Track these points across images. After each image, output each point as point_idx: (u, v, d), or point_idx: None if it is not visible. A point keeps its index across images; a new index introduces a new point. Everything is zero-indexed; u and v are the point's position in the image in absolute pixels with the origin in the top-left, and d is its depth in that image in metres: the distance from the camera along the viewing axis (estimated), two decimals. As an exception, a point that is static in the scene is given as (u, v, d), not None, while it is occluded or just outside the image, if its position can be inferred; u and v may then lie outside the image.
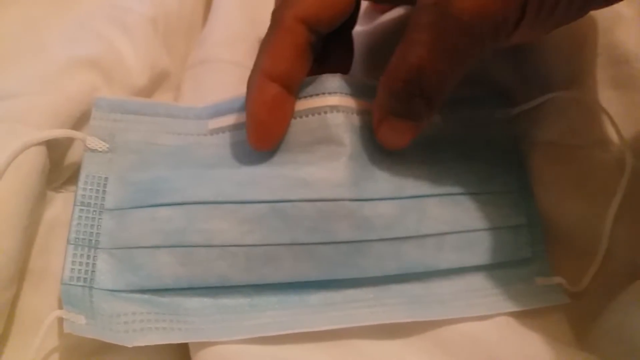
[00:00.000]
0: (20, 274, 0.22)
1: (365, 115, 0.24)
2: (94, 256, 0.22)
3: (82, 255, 0.22)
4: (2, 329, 0.20)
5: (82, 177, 0.23)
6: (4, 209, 0.20)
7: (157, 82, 0.30)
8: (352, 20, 0.26)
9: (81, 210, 0.23)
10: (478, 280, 0.25)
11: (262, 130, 0.23)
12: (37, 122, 0.23)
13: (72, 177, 0.25)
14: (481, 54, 0.21)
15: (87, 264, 0.22)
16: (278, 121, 0.23)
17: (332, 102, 0.23)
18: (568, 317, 0.25)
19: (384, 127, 0.23)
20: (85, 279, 0.21)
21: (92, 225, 0.22)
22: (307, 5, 0.22)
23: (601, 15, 0.26)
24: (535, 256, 0.26)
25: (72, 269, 0.21)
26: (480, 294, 0.24)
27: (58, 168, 0.24)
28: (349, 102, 0.24)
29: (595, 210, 0.25)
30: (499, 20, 0.19)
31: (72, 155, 0.25)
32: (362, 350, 0.22)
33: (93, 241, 0.22)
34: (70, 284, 0.21)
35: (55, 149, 0.24)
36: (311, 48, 0.23)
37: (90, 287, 0.21)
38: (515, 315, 0.23)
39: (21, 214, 0.21)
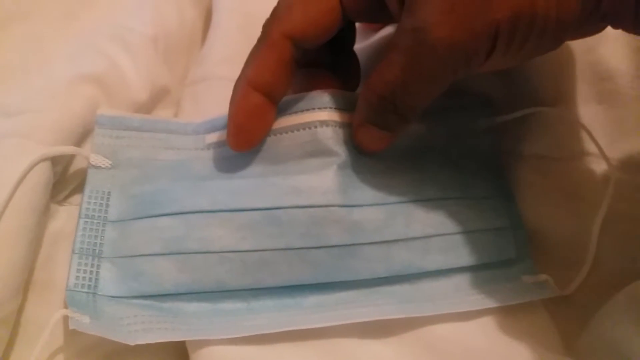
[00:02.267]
0: (25, 284, 0.22)
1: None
2: (98, 265, 0.23)
3: (86, 264, 0.23)
4: (8, 338, 0.21)
5: (87, 191, 0.24)
6: (10, 221, 0.21)
7: (158, 98, 0.31)
8: (352, 37, 0.28)
9: (85, 222, 0.23)
10: (465, 280, 0.26)
11: (240, 134, 0.24)
12: (42, 138, 0.24)
13: (74, 190, 0.26)
14: (453, 79, 0.22)
15: (91, 272, 0.23)
16: (256, 127, 0.24)
17: (321, 117, 0.24)
18: (557, 324, 0.25)
19: (361, 132, 0.24)
20: (89, 285, 0.22)
21: (95, 236, 0.23)
22: (294, 22, 0.23)
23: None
24: (520, 257, 0.27)
25: (77, 276, 0.22)
26: (468, 292, 0.25)
27: (61, 182, 0.25)
28: (337, 116, 0.25)
29: (582, 221, 0.26)
30: (470, 51, 0.20)
31: (75, 170, 0.26)
32: (349, 350, 0.23)
33: (97, 251, 0.23)
34: (74, 290, 0.22)
35: (59, 164, 0.25)
36: (295, 62, 0.24)
37: (94, 294, 0.22)
38: (502, 320, 0.24)
39: (27, 226, 0.22)
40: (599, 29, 0.23)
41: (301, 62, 0.25)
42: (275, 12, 0.24)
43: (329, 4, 0.23)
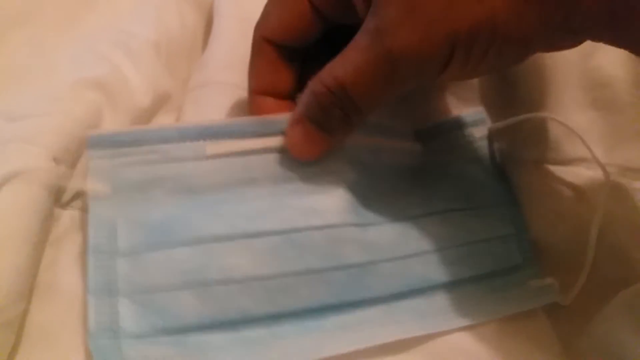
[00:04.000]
0: (29, 289, 0.22)
1: (359, 148, 0.25)
2: (115, 303, 0.22)
3: (103, 304, 0.22)
4: (12, 342, 0.21)
5: (92, 224, 0.23)
6: (15, 225, 0.21)
7: (160, 103, 0.31)
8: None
9: (96, 257, 0.22)
10: (476, 290, 0.26)
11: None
12: (45, 143, 0.24)
13: (78, 194, 0.26)
14: (406, 87, 0.22)
15: (111, 313, 0.22)
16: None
17: None
18: (555, 328, 0.26)
19: (297, 129, 0.23)
20: (111, 329, 0.21)
21: (108, 273, 0.22)
22: (271, 27, 0.25)
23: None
24: (525, 262, 0.27)
25: (97, 321, 0.21)
26: (480, 302, 0.25)
27: (65, 186, 0.25)
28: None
29: (579, 226, 0.26)
30: (425, 59, 0.20)
31: (78, 171, 0.25)
32: None
33: (113, 290, 0.22)
34: (98, 337, 0.21)
35: (62, 163, 0.24)
36: (289, 57, 0.25)
37: (117, 337, 0.21)
38: (503, 327, 0.24)
39: (31, 230, 0.22)
40: (575, 42, 0.22)
41: (300, 54, 0.25)
42: (256, 23, 0.25)
43: (300, 8, 0.24)
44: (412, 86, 0.22)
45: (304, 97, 0.23)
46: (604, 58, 0.27)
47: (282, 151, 0.25)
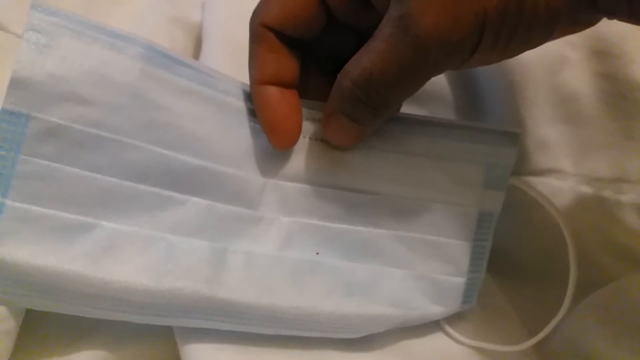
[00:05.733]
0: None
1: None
2: None
3: None
4: (12, 349, 0.22)
5: None
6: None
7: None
8: None
9: None
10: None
11: (275, 129, 0.24)
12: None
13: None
14: (433, 74, 0.21)
15: None
16: (286, 116, 0.24)
17: None
18: (527, 329, 0.27)
19: (331, 122, 0.24)
20: None
21: None
22: (272, 15, 0.23)
23: (549, 59, 0.29)
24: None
25: None
26: None
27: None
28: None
29: (550, 233, 0.27)
30: (453, 44, 0.20)
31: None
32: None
33: None
34: None
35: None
36: (290, 45, 0.24)
37: None
38: (475, 325, 0.26)
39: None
40: (592, 21, 0.22)
41: (303, 41, 0.24)
42: (255, 10, 0.24)
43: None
44: (439, 72, 0.21)
45: (333, 91, 0.23)
46: (571, 74, 0.28)
47: None
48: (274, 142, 0.24)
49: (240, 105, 0.24)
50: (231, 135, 0.24)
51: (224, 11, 0.35)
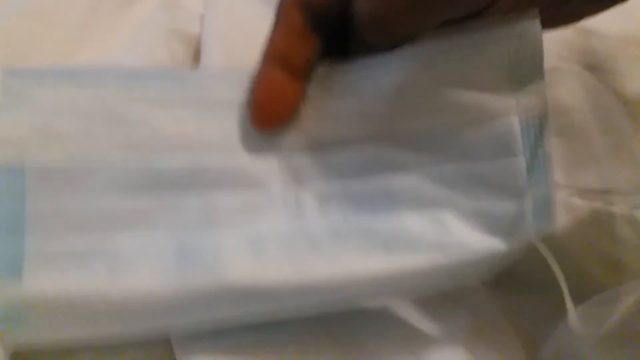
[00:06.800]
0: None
1: None
2: None
3: None
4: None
5: None
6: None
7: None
8: None
9: None
10: None
11: (262, 113, 0.23)
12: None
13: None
14: (454, 13, 0.20)
15: None
16: (277, 105, 0.23)
17: None
18: (521, 338, 0.27)
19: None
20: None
21: None
22: None
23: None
24: None
25: None
26: None
27: None
28: None
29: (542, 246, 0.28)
30: None
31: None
32: None
33: None
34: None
35: None
36: (313, 30, 0.23)
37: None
38: (470, 336, 0.26)
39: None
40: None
41: (323, 33, 0.23)
42: None
43: None
44: (459, 13, 0.20)
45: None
46: (563, 88, 0.29)
47: None
48: (254, 120, 0.23)
49: (219, 96, 0.24)
50: (215, 126, 0.23)
51: (223, 23, 0.36)
